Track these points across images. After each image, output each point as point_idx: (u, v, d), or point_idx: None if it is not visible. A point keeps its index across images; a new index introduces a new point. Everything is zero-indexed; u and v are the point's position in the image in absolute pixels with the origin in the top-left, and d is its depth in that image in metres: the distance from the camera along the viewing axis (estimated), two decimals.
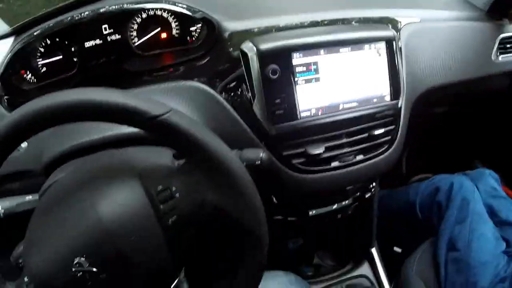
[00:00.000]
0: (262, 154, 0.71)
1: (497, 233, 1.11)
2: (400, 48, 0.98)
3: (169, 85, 0.87)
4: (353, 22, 1.02)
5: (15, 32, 0.98)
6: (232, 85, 0.87)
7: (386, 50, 0.89)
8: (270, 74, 0.79)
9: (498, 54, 1.31)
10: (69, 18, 0.87)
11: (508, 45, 1.37)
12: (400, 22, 1.07)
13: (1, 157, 0.50)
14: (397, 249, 1.36)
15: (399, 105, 0.93)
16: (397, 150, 0.96)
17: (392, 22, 1.06)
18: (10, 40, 0.96)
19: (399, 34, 1.03)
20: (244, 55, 0.81)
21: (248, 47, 0.81)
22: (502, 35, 1.33)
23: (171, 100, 0.85)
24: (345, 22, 1.01)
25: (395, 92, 0.91)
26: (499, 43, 1.32)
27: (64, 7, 1.01)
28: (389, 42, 0.90)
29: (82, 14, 0.87)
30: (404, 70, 0.96)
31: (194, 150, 0.54)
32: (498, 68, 1.31)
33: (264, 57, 0.79)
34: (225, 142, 0.56)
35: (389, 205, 1.33)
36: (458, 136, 1.76)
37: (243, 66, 0.82)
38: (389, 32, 0.90)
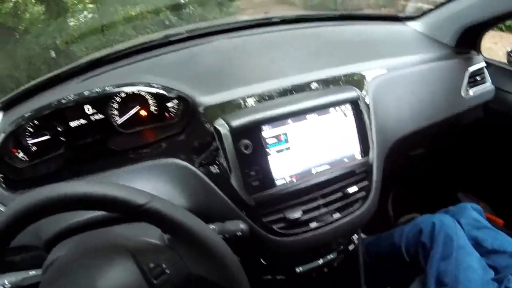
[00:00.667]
0: (242, 225, 0.79)
1: (484, 262, 1.15)
2: (368, 104, 1.05)
3: (153, 163, 0.94)
4: (319, 85, 1.08)
5: (2, 108, 1.06)
6: (209, 159, 0.93)
7: (352, 110, 0.96)
8: (243, 149, 0.86)
9: (467, 89, 1.37)
10: (56, 102, 0.94)
11: (477, 77, 1.43)
12: (367, 76, 1.13)
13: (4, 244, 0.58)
14: None
15: (370, 161, 0.99)
16: (373, 203, 1.01)
17: (358, 78, 1.13)
18: None
19: (367, 88, 1.09)
20: (218, 132, 0.88)
21: (220, 124, 0.88)
22: (470, 69, 1.39)
23: (156, 178, 0.92)
24: (313, 84, 1.07)
25: (365, 149, 0.98)
26: (469, 77, 1.38)
27: (47, 81, 1.11)
28: (354, 102, 0.97)
29: (67, 97, 0.95)
30: (373, 126, 1.02)
31: (175, 230, 0.62)
32: (469, 102, 1.36)
33: (236, 133, 0.86)
34: (207, 213, 0.63)
35: (377, 250, 1.38)
36: (438, 172, 1.82)
37: (218, 142, 0.89)
38: (353, 93, 0.97)
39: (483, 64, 1.47)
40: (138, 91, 0.99)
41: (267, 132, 0.88)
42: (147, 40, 1.24)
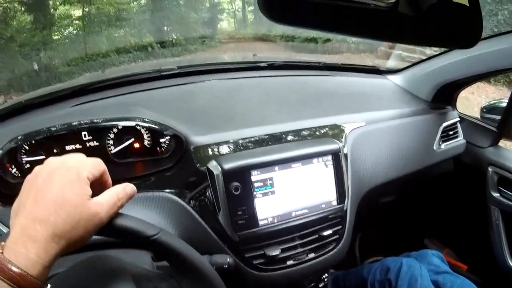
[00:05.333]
0: (229, 259, 0.97)
1: None
2: (346, 154, 1.25)
3: (146, 195, 1.09)
4: (304, 134, 1.28)
5: None
6: (199, 196, 1.10)
7: (333, 161, 1.16)
8: (233, 190, 1.04)
9: (440, 143, 1.59)
10: (54, 127, 1.09)
11: (450, 132, 1.66)
12: (346, 128, 1.34)
13: None
14: None
15: (345, 208, 1.19)
16: (345, 245, 1.20)
17: (338, 129, 1.33)
18: None
19: (346, 139, 1.30)
20: (210, 173, 1.05)
21: (213, 166, 1.06)
22: (444, 124, 1.62)
23: (147, 209, 1.07)
24: (298, 132, 1.27)
25: (341, 197, 1.18)
26: (442, 132, 1.60)
27: (41, 101, 1.27)
28: (335, 154, 1.17)
29: (66, 123, 1.10)
30: (349, 175, 1.22)
31: (178, 260, 0.76)
32: (441, 156, 1.59)
33: (228, 175, 1.04)
34: (193, 245, 0.79)
35: (344, 284, 1.58)
36: (406, 217, 2.04)
37: (209, 182, 1.06)
38: (335, 145, 1.17)
39: (457, 119, 1.71)
40: (135, 125, 1.16)
41: (256, 176, 1.06)
42: (139, 72, 1.42)
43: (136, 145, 1.19)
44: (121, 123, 1.15)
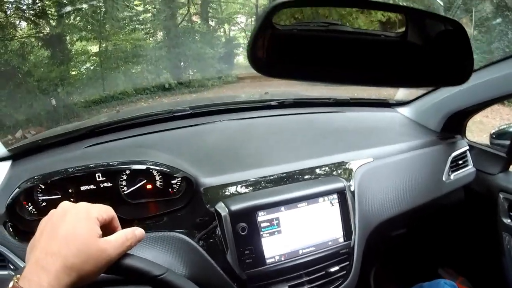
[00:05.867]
0: None
1: None
2: (353, 191, 1.28)
3: (157, 234, 1.15)
4: (311, 173, 1.32)
5: (13, 156, 1.29)
6: (208, 235, 1.15)
7: (338, 200, 1.20)
8: (239, 231, 1.08)
9: (450, 173, 1.61)
10: (70, 169, 1.16)
11: (460, 162, 1.67)
12: (354, 165, 1.38)
13: None
14: None
15: (352, 244, 1.22)
16: (353, 280, 1.22)
17: (346, 167, 1.37)
18: (7, 163, 1.27)
19: (353, 176, 1.33)
20: (218, 214, 1.10)
21: (221, 207, 1.11)
22: (453, 154, 1.63)
23: (158, 248, 1.13)
24: (305, 171, 1.31)
25: (348, 233, 1.21)
26: (451, 162, 1.62)
27: (57, 141, 1.35)
28: (340, 193, 1.21)
29: (80, 166, 1.18)
30: (356, 212, 1.25)
31: None
32: (451, 186, 1.60)
33: (235, 217, 1.09)
34: (203, 283, 0.83)
35: None
36: (419, 249, 2.05)
37: (217, 223, 1.11)
38: (340, 184, 1.21)
39: (466, 148, 1.72)
40: (146, 168, 1.22)
41: (262, 217, 1.11)
42: (152, 113, 1.50)
43: (148, 186, 1.25)
44: (134, 166, 1.21)
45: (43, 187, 1.16)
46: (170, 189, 1.26)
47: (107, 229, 0.71)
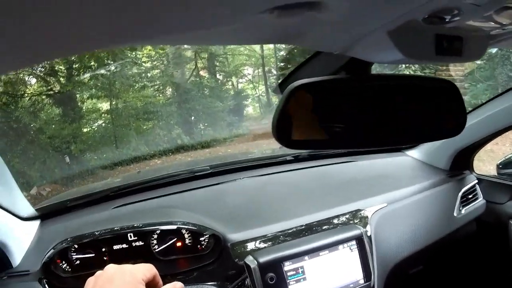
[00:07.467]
0: None
1: None
2: (370, 236, 1.39)
3: (192, 287, 1.25)
4: (329, 223, 1.44)
5: (41, 216, 1.39)
6: (239, 286, 1.25)
7: (357, 245, 1.31)
8: (268, 280, 1.19)
9: (460, 208, 1.71)
10: (103, 231, 1.27)
11: (469, 196, 1.76)
12: (368, 212, 1.49)
13: None
14: None
15: (372, 285, 1.32)
16: None
17: (361, 214, 1.49)
18: (35, 223, 1.37)
19: (369, 222, 1.45)
20: (248, 266, 1.21)
21: (250, 260, 1.22)
22: (463, 189, 1.73)
23: None
24: (323, 222, 1.43)
25: (367, 275, 1.31)
26: (461, 198, 1.72)
27: (82, 202, 1.46)
28: (358, 239, 1.32)
29: (109, 229, 1.28)
30: (374, 255, 1.36)
31: None
32: (462, 221, 1.69)
33: (263, 268, 1.20)
34: None
35: None
36: (437, 284, 2.09)
37: (247, 274, 1.22)
38: (357, 231, 1.33)
39: (474, 182, 1.83)
40: (177, 228, 1.34)
41: (288, 266, 1.22)
42: (173, 173, 1.62)
43: (178, 244, 1.36)
44: (164, 227, 1.33)
45: (76, 247, 1.27)
46: (199, 246, 1.36)
47: (150, 286, 0.77)
